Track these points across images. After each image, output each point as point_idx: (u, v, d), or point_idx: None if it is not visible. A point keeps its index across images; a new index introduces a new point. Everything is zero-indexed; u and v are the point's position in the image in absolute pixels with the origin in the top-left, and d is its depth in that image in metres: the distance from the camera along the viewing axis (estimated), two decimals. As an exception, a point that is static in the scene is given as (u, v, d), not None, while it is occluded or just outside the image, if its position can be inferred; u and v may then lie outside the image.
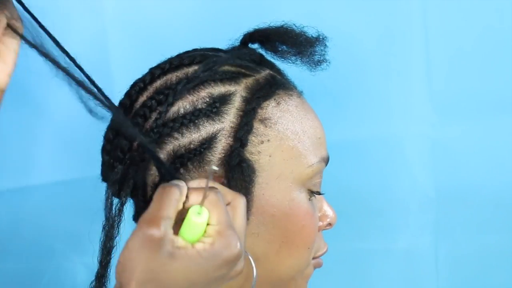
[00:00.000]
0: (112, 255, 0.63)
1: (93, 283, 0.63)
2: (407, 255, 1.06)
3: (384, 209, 1.05)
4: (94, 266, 1.11)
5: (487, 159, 1.03)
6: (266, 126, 0.64)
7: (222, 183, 0.62)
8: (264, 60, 0.70)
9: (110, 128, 0.66)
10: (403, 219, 1.06)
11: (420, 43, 1.02)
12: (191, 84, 0.64)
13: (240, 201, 0.58)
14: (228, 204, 0.58)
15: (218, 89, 0.64)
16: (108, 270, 0.63)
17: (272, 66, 0.70)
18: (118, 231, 0.64)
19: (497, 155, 1.03)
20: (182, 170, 0.62)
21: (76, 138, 1.03)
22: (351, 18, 1.01)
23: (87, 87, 0.59)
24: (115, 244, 0.63)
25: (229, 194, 0.59)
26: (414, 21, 1.02)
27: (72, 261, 1.04)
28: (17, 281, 1.05)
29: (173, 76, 0.65)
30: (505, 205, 1.04)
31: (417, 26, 1.02)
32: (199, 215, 0.54)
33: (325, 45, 0.70)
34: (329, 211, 0.70)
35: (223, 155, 0.62)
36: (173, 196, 0.54)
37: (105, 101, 0.58)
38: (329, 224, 0.70)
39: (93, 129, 1.06)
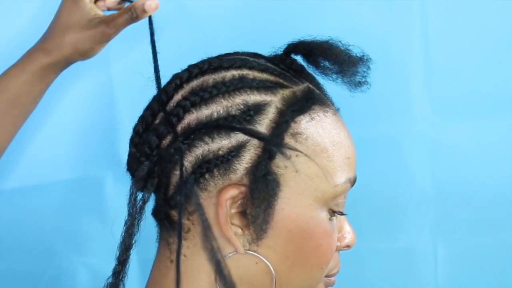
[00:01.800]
0: (130, 253, 0.63)
1: (110, 280, 0.63)
2: (406, 254, 1.06)
3: (383, 208, 1.05)
4: (94, 266, 1.12)
5: (486, 158, 1.04)
6: (296, 141, 0.62)
7: (245, 193, 0.61)
8: (305, 73, 0.69)
9: (141, 121, 0.66)
10: (402, 218, 1.06)
11: (420, 42, 1.02)
12: (227, 89, 0.63)
13: None
14: None
15: (254, 98, 0.63)
16: (126, 267, 0.63)
17: (312, 79, 0.68)
18: (138, 229, 0.63)
19: (496, 154, 1.04)
20: (207, 176, 0.62)
21: (76, 138, 1.03)
22: (351, 18, 1.02)
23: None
24: (134, 241, 0.63)
25: None
26: (413, 20, 1.02)
27: (72, 261, 1.04)
28: (17, 281, 1.05)
29: (210, 78, 0.64)
30: (504, 204, 1.04)
31: (416, 26, 1.02)
32: None
33: (368, 66, 0.68)
34: (348, 232, 0.69)
35: (250, 165, 0.61)
36: None
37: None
38: (347, 246, 0.69)
39: (93, 129, 1.07)
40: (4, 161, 0.91)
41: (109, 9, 0.86)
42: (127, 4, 0.83)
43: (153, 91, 0.68)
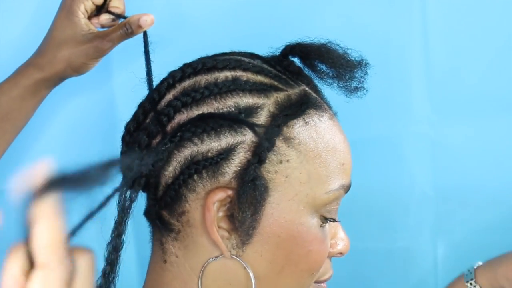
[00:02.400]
0: (120, 253, 0.62)
1: (99, 281, 0.62)
2: (406, 254, 1.06)
3: (383, 208, 1.05)
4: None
5: (486, 158, 1.04)
6: (288, 146, 0.61)
7: (232, 197, 0.60)
8: (302, 75, 0.67)
9: (133, 119, 0.66)
10: (402, 218, 1.06)
11: (420, 42, 1.02)
12: (219, 90, 0.62)
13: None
14: None
15: (246, 100, 0.62)
16: (115, 268, 0.62)
17: (309, 82, 0.67)
18: (126, 228, 0.63)
19: (496, 154, 1.04)
20: (195, 177, 0.61)
21: (76, 138, 1.03)
22: (350, 18, 1.02)
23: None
24: (123, 241, 0.62)
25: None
26: (413, 20, 1.02)
27: (72, 261, 1.04)
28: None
29: (202, 79, 0.63)
30: (503, 204, 1.04)
31: (416, 25, 1.02)
32: None
33: (366, 71, 0.67)
34: (342, 239, 0.68)
35: (239, 168, 0.60)
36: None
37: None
38: (340, 253, 0.68)
39: (93, 130, 1.07)
40: (4, 161, 0.91)
41: (102, 26, 0.86)
42: (121, 20, 0.84)
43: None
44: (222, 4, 1.01)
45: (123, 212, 0.61)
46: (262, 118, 0.62)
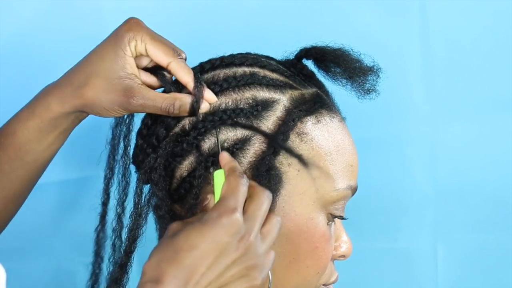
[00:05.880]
0: (137, 244, 0.63)
1: (114, 272, 0.63)
2: (406, 253, 1.06)
3: (383, 208, 1.05)
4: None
5: (486, 158, 1.04)
6: (301, 141, 0.64)
7: None
8: (314, 79, 0.70)
9: (149, 114, 0.66)
10: (402, 218, 1.06)
11: (420, 42, 1.02)
12: (238, 83, 0.64)
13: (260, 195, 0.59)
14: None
15: (263, 94, 0.64)
16: (132, 258, 0.63)
17: (321, 86, 0.70)
18: (146, 221, 0.64)
19: (496, 154, 1.04)
20: (212, 170, 0.62)
21: (77, 138, 1.03)
22: (350, 18, 1.02)
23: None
24: (142, 233, 0.63)
25: (254, 187, 0.60)
26: (413, 20, 1.02)
27: (72, 261, 1.04)
28: (17, 281, 1.05)
29: (221, 73, 0.66)
30: (503, 204, 1.04)
31: (416, 26, 1.02)
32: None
33: (378, 75, 0.70)
34: (345, 242, 0.70)
35: (254, 159, 0.62)
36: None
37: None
38: (343, 256, 0.70)
39: (93, 130, 1.07)
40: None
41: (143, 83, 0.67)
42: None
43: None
44: (225, 9, 1.01)
45: (143, 205, 0.63)
46: (277, 112, 0.64)
